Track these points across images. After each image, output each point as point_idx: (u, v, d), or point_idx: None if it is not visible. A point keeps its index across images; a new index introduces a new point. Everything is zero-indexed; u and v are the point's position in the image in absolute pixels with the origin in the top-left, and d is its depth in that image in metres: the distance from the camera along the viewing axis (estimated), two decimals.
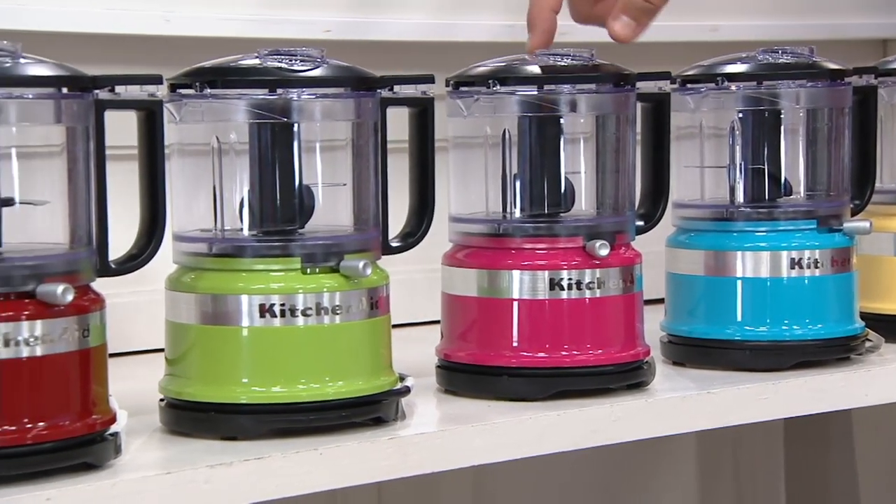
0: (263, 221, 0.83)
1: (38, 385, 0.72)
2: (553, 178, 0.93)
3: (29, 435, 0.72)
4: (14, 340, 0.72)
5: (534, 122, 0.92)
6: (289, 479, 0.78)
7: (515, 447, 0.86)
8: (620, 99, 0.94)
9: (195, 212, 0.85)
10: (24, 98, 0.73)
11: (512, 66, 0.93)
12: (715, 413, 0.94)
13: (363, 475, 0.80)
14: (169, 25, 1.04)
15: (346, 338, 0.82)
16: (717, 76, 1.00)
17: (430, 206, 0.90)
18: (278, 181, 0.84)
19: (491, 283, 0.91)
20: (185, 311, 0.82)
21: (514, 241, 0.92)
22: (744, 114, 1.00)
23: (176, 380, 0.83)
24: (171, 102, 0.83)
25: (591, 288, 0.91)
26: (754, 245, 0.99)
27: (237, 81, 0.82)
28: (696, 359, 1.00)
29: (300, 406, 0.81)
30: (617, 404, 0.89)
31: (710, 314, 1.00)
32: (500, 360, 0.91)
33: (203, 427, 0.81)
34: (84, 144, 0.76)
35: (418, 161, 0.90)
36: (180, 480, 0.74)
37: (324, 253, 0.83)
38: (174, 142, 0.84)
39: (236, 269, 0.82)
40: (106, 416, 0.76)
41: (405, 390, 0.85)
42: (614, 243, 0.92)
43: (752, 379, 0.96)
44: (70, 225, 0.76)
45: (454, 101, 0.94)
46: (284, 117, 0.83)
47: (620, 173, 0.94)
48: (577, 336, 0.91)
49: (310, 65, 0.83)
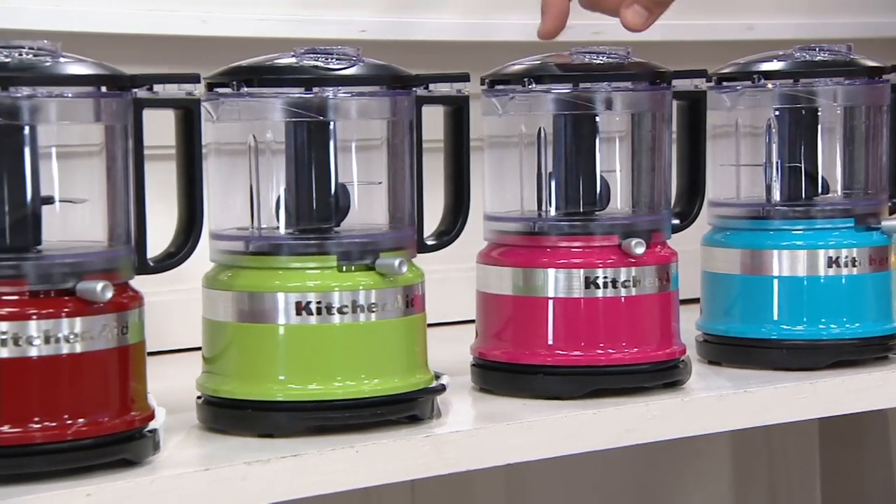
0: (300, 220, 0.84)
1: (78, 382, 0.73)
2: (588, 176, 0.93)
3: (69, 431, 0.72)
4: (54, 337, 0.72)
5: (569, 120, 0.92)
6: (325, 476, 0.78)
7: (550, 446, 0.86)
8: (656, 97, 0.94)
9: (232, 210, 0.85)
10: (63, 97, 0.74)
11: (547, 64, 0.93)
12: (751, 412, 0.93)
13: (399, 473, 0.81)
14: (206, 26, 1.04)
15: (382, 335, 0.82)
16: (754, 74, 1.00)
17: (465, 205, 0.90)
18: (314, 179, 0.84)
19: (526, 282, 0.91)
20: (221, 308, 0.83)
21: (550, 240, 0.92)
22: (780, 112, 1.00)
23: (213, 377, 0.83)
24: (208, 101, 0.83)
25: (627, 286, 0.91)
26: (791, 244, 0.99)
27: (273, 80, 0.83)
28: (733, 358, 1.00)
29: (336, 403, 0.81)
30: (652, 403, 0.89)
31: (746, 313, 0.99)
32: (535, 359, 0.91)
33: (240, 424, 0.81)
34: (123, 143, 0.77)
35: (453, 159, 0.90)
36: (218, 477, 0.75)
37: (360, 251, 0.83)
38: (211, 141, 0.85)
39: (273, 267, 0.82)
40: (144, 413, 0.76)
41: (440, 388, 0.85)
42: (650, 242, 0.92)
43: (789, 378, 0.96)
44: (109, 223, 0.77)
45: (489, 100, 0.94)
46: (320, 116, 0.83)
47: (656, 172, 0.94)
48: (613, 335, 0.91)
49: (346, 63, 0.83)
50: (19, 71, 0.72)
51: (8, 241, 0.74)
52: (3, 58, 0.72)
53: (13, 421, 0.71)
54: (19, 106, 0.73)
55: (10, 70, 0.72)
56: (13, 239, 0.74)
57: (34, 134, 0.74)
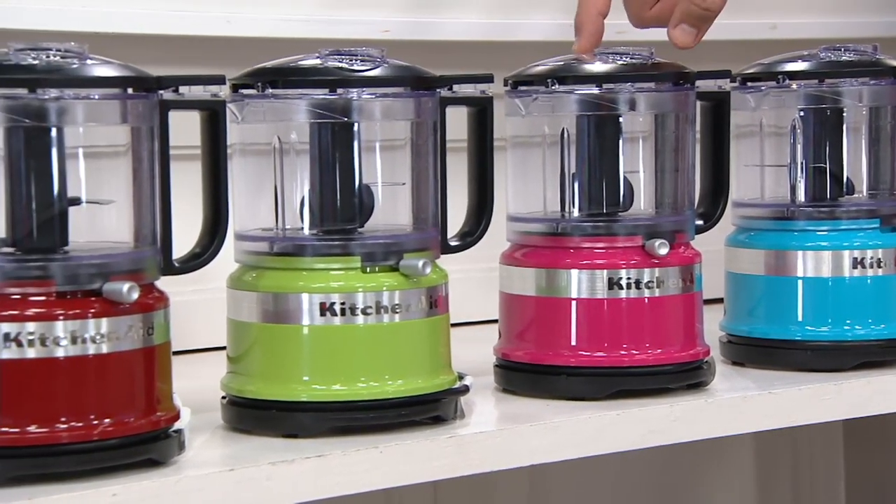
0: (324, 220, 0.84)
1: (104, 382, 0.74)
2: (612, 177, 0.93)
3: (95, 431, 0.73)
4: (81, 338, 0.73)
5: (592, 121, 0.92)
6: (349, 476, 0.78)
7: (574, 447, 0.86)
8: (680, 97, 0.93)
9: (257, 211, 0.86)
10: (90, 99, 0.74)
11: (571, 64, 0.93)
12: (776, 413, 0.93)
13: (422, 473, 0.81)
14: (230, 26, 1.05)
15: (406, 336, 0.83)
16: (778, 74, 0.99)
17: (488, 206, 0.90)
18: (338, 180, 0.84)
19: (549, 283, 0.91)
20: (246, 309, 0.83)
21: (573, 241, 0.92)
22: (805, 112, 1.00)
23: (237, 378, 0.83)
24: (233, 102, 0.84)
25: (650, 287, 0.91)
26: (816, 244, 0.99)
27: (298, 81, 0.83)
28: (757, 359, 1.00)
29: (360, 404, 0.81)
30: (676, 404, 0.89)
31: (770, 314, 0.99)
32: (558, 360, 0.91)
33: (264, 424, 0.82)
34: (149, 144, 0.77)
35: (477, 160, 0.90)
36: (243, 477, 0.75)
37: (383, 252, 0.83)
38: (236, 142, 0.85)
39: (297, 267, 0.83)
40: (170, 413, 0.77)
41: (464, 389, 0.85)
42: (673, 242, 0.92)
43: (814, 379, 0.95)
44: (135, 224, 0.77)
45: (513, 101, 0.94)
46: (345, 117, 0.83)
47: (679, 172, 0.94)
48: (636, 335, 0.90)
49: (370, 64, 0.83)
50: (47, 73, 0.73)
51: (35, 242, 0.74)
52: (31, 60, 0.73)
53: (40, 421, 0.72)
54: (47, 108, 0.73)
55: (38, 72, 0.73)
56: (40, 240, 0.74)
57: (61, 135, 0.74)
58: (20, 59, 0.73)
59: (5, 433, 0.71)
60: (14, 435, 0.71)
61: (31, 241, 0.74)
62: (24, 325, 0.72)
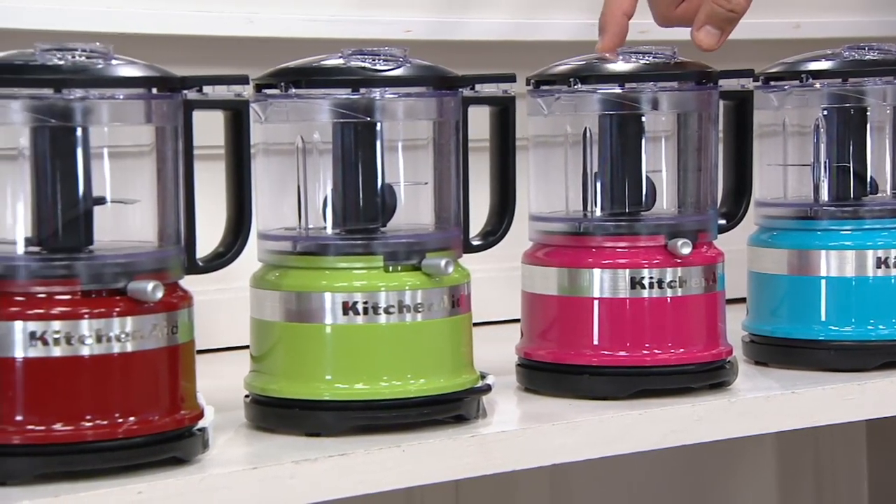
0: (346, 220, 0.84)
1: (129, 381, 0.74)
2: (634, 176, 0.93)
3: (120, 429, 0.73)
4: (105, 337, 0.73)
5: (615, 120, 0.92)
6: (371, 475, 0.78)
7: (596, 446, 0.86)
8: (703, 97, 0.93)
9: (280, 210, 0.86)
10: (115, 99, 0.75)
11: (593, 64, 0.93)
12: (799, 413, 0.93)
13: (445, 472, 0.81)
14: (253, 27, 1.05)
15: (428, 335, 0.83)
16: (802, 73, 0.99)
17: (510, 205, 0.90)
18: (361, 180, 0.84)
19: (571, 282, 0.91)
20: (269, 308, 0.83)
21: (595, 240, 0.92)
22: (829, 111, 0.99)
23: (261, 376, 0.84)
24: (256, 102, 0.84)
25: (673, 287, 0.91)
26: (839, 244, 0.98)
27: (321, 81, 0.83)
28: (780, 359, 1.00)
29: (382, 403, 0.81)
30: (699, 404, 0.89)
31: (793, 314, 0.99)
32: (580, 359, 0.91)
33: (287, 423, 0.82)
34: (173, 144, 0.77)
35: (499, 159, 0.90)
36: (266, 476, 0.75)
37: (406, 251, 0.83)
38: (259, 141, 0.85)
39: (320, 267, 0.83)
40: (194, 412, 0.77)
41: (486, 388, 0.85)
42: (696, 242, 0.92)
43: (837, 379, 0.95)
44: (159, 223, 0.78)
45: (535, 100, 0.94)
46: (367, 116, 0.83)
47: (702, 172, 0.94)
48: (659, 335, 0.90)
49: (392, 64, 0.83)
50: (72, 73, 0.73)
51: (61, 242, 0.75)
52: (57, 60, 0.73)
53: (65, 419, 0.72)
54: (72, 108, 0.74)
55: (64, 72, 0.73)
56: (66, 239, 0.75)
57: (87, 135, 0.75)
58: (46, 59, 0.73)
59: (31, 431, 0.72)
60: (40, 433, 0.72)
61: (57, 240, 0.75)
62: (50, 324, 0.72)
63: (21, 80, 0.73)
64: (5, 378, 0.72)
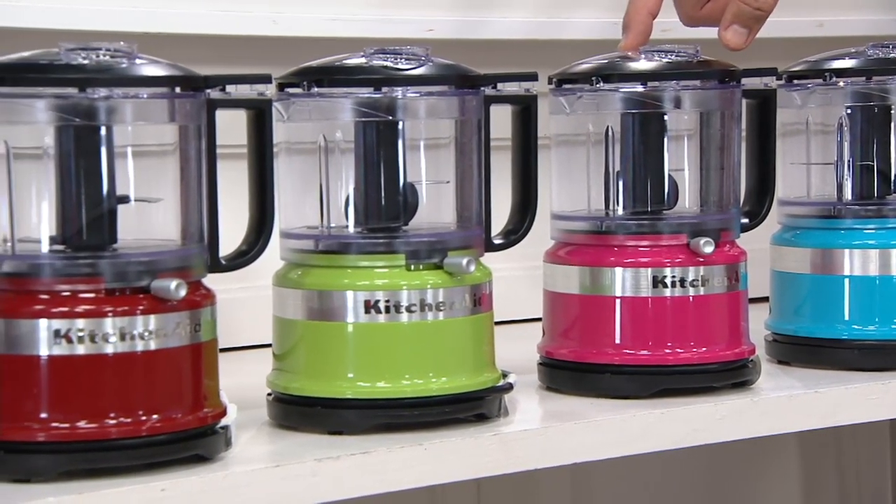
0: (368, 218, 0.84)
1: (152, 378, 0.74)
2: (656, 175, 0.92)
3: (144, 427, 0.73)
4: (129, 335, 0.74)
5: (637, 119, 0.92)
6: (393, 473, 0.78)
7: (618, 445, 0.86)
8: (725, 95, 0.93)
9: (302, 209, 0.86)
10: (139, 98, 0.75)
11: (615, 62, 0.93)
12: (821, 413, 0.92)
13: (466, 471, 0.81)
14: (276, 26, 1.05)
15: (450, 334, 0.83)
16: (825, 72, 0.99)
17: (532, 204, 0.90)
18: (383, 179, 0.84)
19: (593, 281, 0.91)
20: (291, 306, 0.83)
21: (617, 239, 0.91)
22: (852, 110, 0.99)
23: (283, 374, 0.84)
24: (279, 101, 0.84)
25: (695, 286, 0.90)
26: (863, 243, 0.98)
27: (343, 80, 0.83)
28: (803, 358, 0.99)
29: (404, 402, 0.82)
30: (721, 403, 0.89)
31: (816, 313, 0.98)
32: (602, 358, 0.91)
33: (310, 421, 0.82)
34: (196, 143, 0.78)
35: (521, 158, 0.90)
36: (288, 474, 0.76)
37: (427, 250, 0.83)
38: (282, 140, 0.86)
39: (342, 265, 0.83)
40: (217, 410, 0.77)
41: (508, 387, 0.85)
42: (719, 241, 0.91)
43: (860, 379, 0.95)
44: (182, 222, 0.78)
45: (557, 99, 0.94)
46: (389, 115, 0.84)
47: (725, 170, 0.94)
48: (681, 334, 0.90)
49: (414, 63, 0.83)
50: (96, 72, 0.74)
51: (85, 240, 0.75)
52: (81, 59, 0.74)
53: (90, 416, 0.73)
54: (96, 107, 0.74)
55: (88, 72, 0.74)
56: (90, 238, 0.75)
57: (110, 134, 0.75)
58: (70, 58, 0.74)
59: (55, 428, 0.72)
60: (64, 430, 0.72)
61: (81, 238, 0.75)
62: (74, 322, 0.73)
63: (45, 79, 0.73)
64: (30, 376, 0.73)
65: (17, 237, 0.75)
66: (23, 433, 0.72)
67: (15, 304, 0.73)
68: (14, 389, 0.73)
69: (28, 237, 0.75)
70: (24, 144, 0.76)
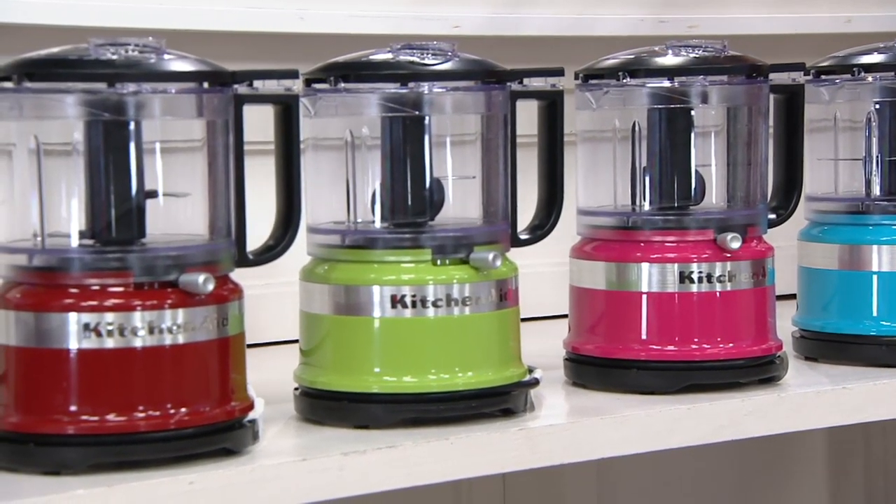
0: (395, 214, 0.85)
1: (180, 372, 0.75)
2: (683, 170, 0.92)
3: (172, 420, 0.74)
4: (157, 328, 0.74)
5: (664, 114, 0.92)
6: (419, 467, 0.79)
7: (644, 441, 0.86)
8: (753, 91, 0.93)
9: (329, 204, 0.86)
10: (167, 93, 0.76)
11: (642, 58, 0.93)
12: (849, 409, 0.92)
13: (492, 465, 0.81)
14: (304, 23, 1.06)
15: (476, 329, 0.83)
16: (854, 67, 0.98)
17: (558, 199, 0.90)
18: (409, 174, 0.85)
19: (620, 276, 0.91)
20: (318, 301, 0.84)
21: (644, 234, 0.91)
22: (881, 105, 0.99)
23: (310, 369, 0.84)
24: (306, 97, 0.85)
25: (722, 281, 0.90)
26: (891, 239, 0.98)
27: (370, 75, 0.84)
28: (830, 354, 0.99)
29: (430, 396, 0.82)
30: (748, 399, 0.88)
31: (844, 309, 0.98)
32: (628, 354, 0.91)
33: (336, 415, 0.82)
34: (224, 138, 0.78)
35: (547, 153, 0.90)
36: (315, 467, 0.76)
37: (454, 245, 0.83)
38: (309, 136, 0.86)
39: (368, 260, 0.83)
40: (244, 404, 0.78)
41: (534, 382, 0.85)
42: (745, 236, 0.91)
43: (888, 375, 0.94)
44: (210, 216, 0.79)
45: (583, 94, 0.94)
46: (416, 111, 0.84)
47: (752, 166, 0.93)
48: (707, 329, 0.90)
49: (440, 59, 0.83)
50: (125, 68, 0.74)
51: (114, 235, 0.76)
52: (110, 55, 0.74)
53: (118, 409, 0.73)
54: (125, 102, 0.75)
55: (117, 67, 0.74)
56: (119, 232, 0.76)
57: (139, 129, 0.76)
58: (100, 54, 0.74)
59: (85, 421, 0.73)
60: (93, 423, 0.73)
61: (110, 233, 0.76)
62: (103, 316, 0.73)
63: (75, 74, 0.74)
64: (60, 369, 0.73)
65: (47, 232, 0.76)
66: (53, 426, 0.73)
67: (45, 298, 0.74)
68: (44, 383, 0.73)
69: (58, 232, 0.76)
70: (54, 140, 0.76)
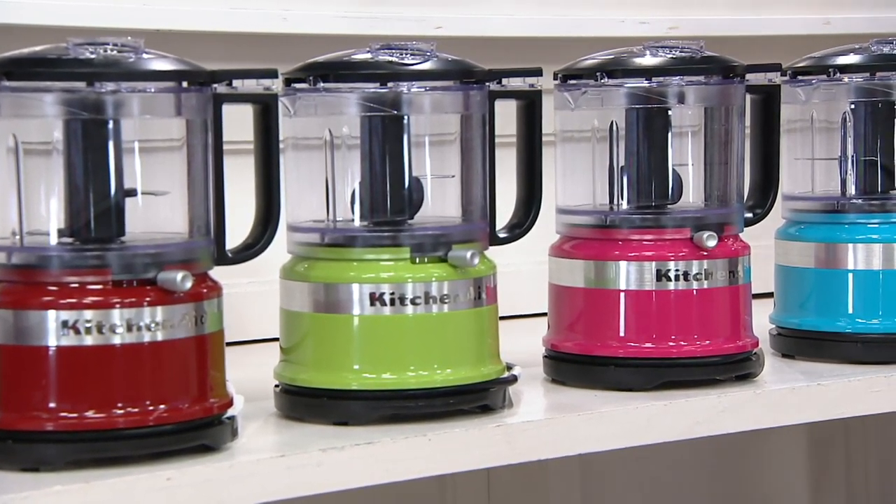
0: (374, 212, 0.85)
1: (159, 369, 0.75)
2: (660, 170, 0.93)
3: (150, 417, 0.74)
4: (136, 326, 0.74)
5: (641, 114, 0.93)
6: (398, 464, 0.79)
7: (622, 436, 0.86)
8: (729, 91, 0.94)
9: (308, 203, 0.87)
10: (146, 92, 0.76)
11: (620, 58, 0.93)
12: (824, 405, 0.93)
13: (470, 461, 0.82)
14: (287, 24, 1.06)
15: (454, 326, 0.84)
16: (829, 68, 0.99)
17: (537, 198, 0.90)
18: (388, 173, 0.85)
19: (598, 274, 0.92)
20: (298, 299, 0.84)
21: (622, 233, 0.92)
22: (856, 105, 0.99)
23: (290, 366, 0.85)
24: (286, 96, 0.85)
25: (699, 279, 0.91)
26: (867, 237, 0.98)
27: (349, 75, 0.84)
28: (806, 351, 1.00)
29: (409, 393, 0.82)
30: (724, 395, 0.89)
31: (820, 307, 0.99)
32: (606, 351, 0.91)
33: (316, 412, 0.83)
34: (202, 137, 0.79)
35: (525, 153, 0.91)
36: (294, 464, 0.77)
37: (432, 243, 0.84)
38: (289, 135, 0.86)
39: (348, 258, 0.84)
40: (223, 400, 0.78)
41: (512, 379, 0.86)
42: (722, 235, 0.92)
43: (864, 371, 0.95)
44: (189, 215, 0.79)
45: (562, 94, 0.95)
46: (395, 110, 0.84)
47: (728, 165, 0.94)
48: (684, 327, 0.91)
49: (420, 58, 0.84)
50: (104, 67, 0.75)
51: (93, 232, 0.76)
52: (89, 54, 0.75)
53: (97, 406, 0.74)
54: (104, 101, 0.75)
55: (95, 66, 0.75)
56: (98, 230, 0.76)
57: (118, 128, 0.76)
58: (78, 53, 0.75)
59: (64, 418, 0.73)
60: (72, 420, 0.73)
61: (89, 231, 0.76)
62: (82, 313, 0.74)
63: (54, 73, 0.74)
64: (38, 366, 0.74)
65: (26, 230, 0.76)
66: (31, 423, 0.73)
67: (24, 296, 0.74)
68: (23, 380, 0.74)
69: (37, 230, 0.77)
70: (33, 139, 0.77)
